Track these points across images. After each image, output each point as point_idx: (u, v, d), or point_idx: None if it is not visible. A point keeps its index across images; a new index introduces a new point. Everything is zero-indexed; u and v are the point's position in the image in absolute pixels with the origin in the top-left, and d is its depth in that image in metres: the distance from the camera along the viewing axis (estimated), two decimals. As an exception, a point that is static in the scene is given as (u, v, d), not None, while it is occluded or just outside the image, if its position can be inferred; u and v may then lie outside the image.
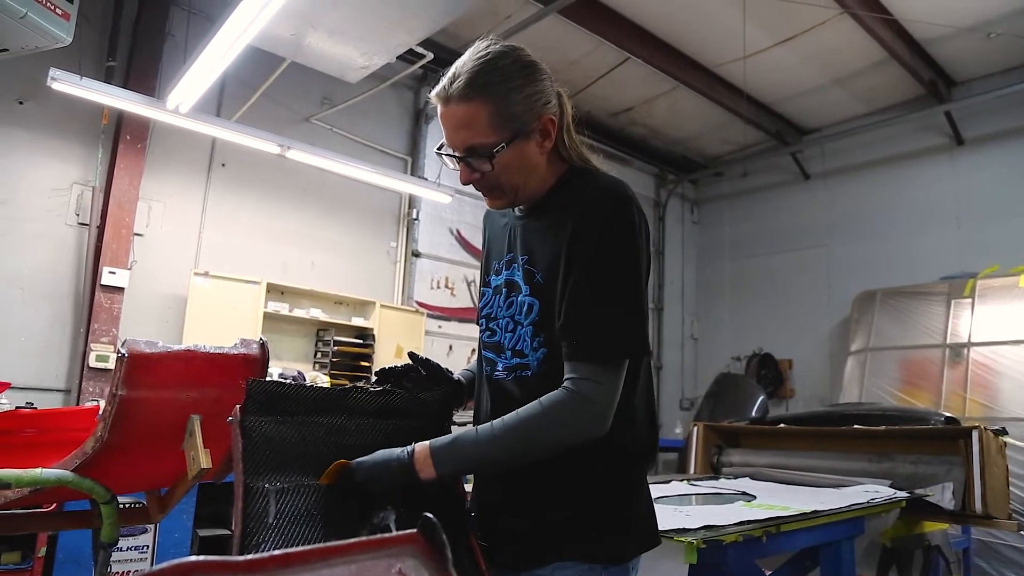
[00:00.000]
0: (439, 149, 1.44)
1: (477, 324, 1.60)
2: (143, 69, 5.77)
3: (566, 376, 1.32)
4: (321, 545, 0.60)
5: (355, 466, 1.26)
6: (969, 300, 7.00)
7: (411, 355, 1.58)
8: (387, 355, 6.70)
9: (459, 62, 1.39)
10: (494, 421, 1.31)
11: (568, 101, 1.49)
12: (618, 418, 1.36)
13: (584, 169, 1.48)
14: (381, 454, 1.28)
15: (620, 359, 1.33)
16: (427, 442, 1.29)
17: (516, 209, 1.53)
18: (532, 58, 1.43)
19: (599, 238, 1.34)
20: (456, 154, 1.40)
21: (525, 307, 1.43)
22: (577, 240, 1.35)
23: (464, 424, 1.46)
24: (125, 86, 5.44)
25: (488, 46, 1.40)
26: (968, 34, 6.99)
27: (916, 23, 6.91)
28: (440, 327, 7.69)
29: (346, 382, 6.31)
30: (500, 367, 1.49)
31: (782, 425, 4.52)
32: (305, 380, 5.94)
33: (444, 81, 1.38)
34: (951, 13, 6.65)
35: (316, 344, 6.69)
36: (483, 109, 1.35)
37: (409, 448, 1.28)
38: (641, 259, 1.36)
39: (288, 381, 1.36)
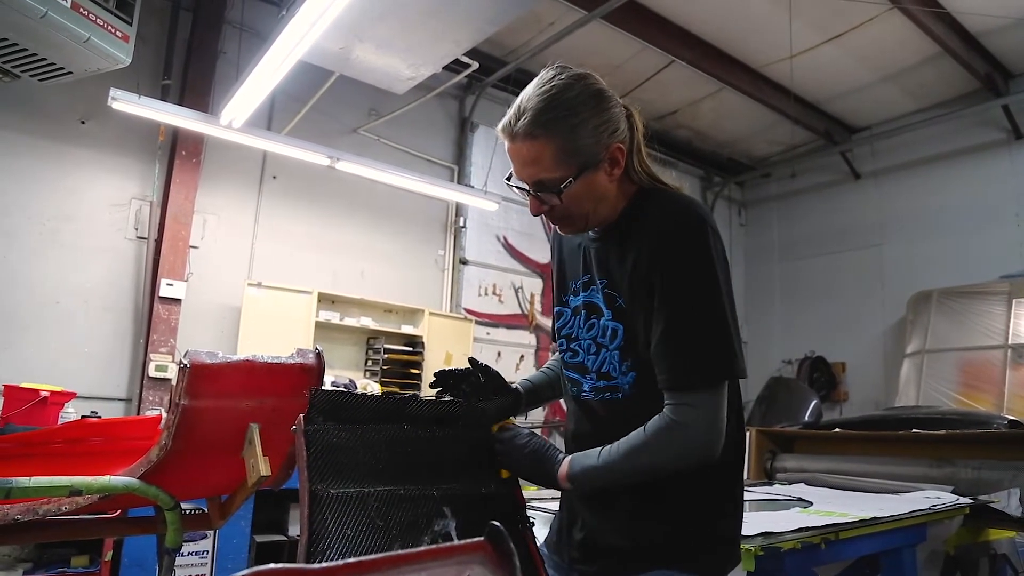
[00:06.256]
0: (508, 179, 1.44)
1: (554, 341, 1.60)
2: (197, 86, 5.93)
3: (667, 403, 1.32)
4: (392, 553, 0.62)
5: (515, 463, 1.39)
6: (1032, 299, 6.79)
7: (471, 360, 1.59)
8: (436, 362, 6.75)
9: (524, 95, 1.36)
10: (612, 446, 1.34)
11: (639, 119, 1.46)
12: None
13: (655, 190, 1.45)
14: (537, 456, 1.37)
15: (715, 384, 1.31)
16: (568, 460, 1.36)
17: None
18: (600, 86, 1.38)
19: (678, 266, 1.32)
20: (525, 187, 1.39)
21: (609, 331, 1.43)
22: (657, 268, 1.33)
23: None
24: (180, 103, 5.60)
25: (554, 77, 1.36)
26: (1025, 25, 6.80)
27: (969, 15, 6.74)
28: (488, 334, 7.72)
29: (397, 389, 6.40)
30: (586, 387, 1.49)
31: (837, 430, 4.43)
32: (356, 388, 6.02)
33: (510, 115, 1.35)
34: (1006, 4, 6.47)
35: (367, 352, 6.77)
36: (549, 146, 1.32)
37: (557, 463, 1.36)
38: (720, 282, 1.33)
39: (342, 389, 1.39)
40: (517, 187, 1.41)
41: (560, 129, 1.32)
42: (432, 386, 1.58)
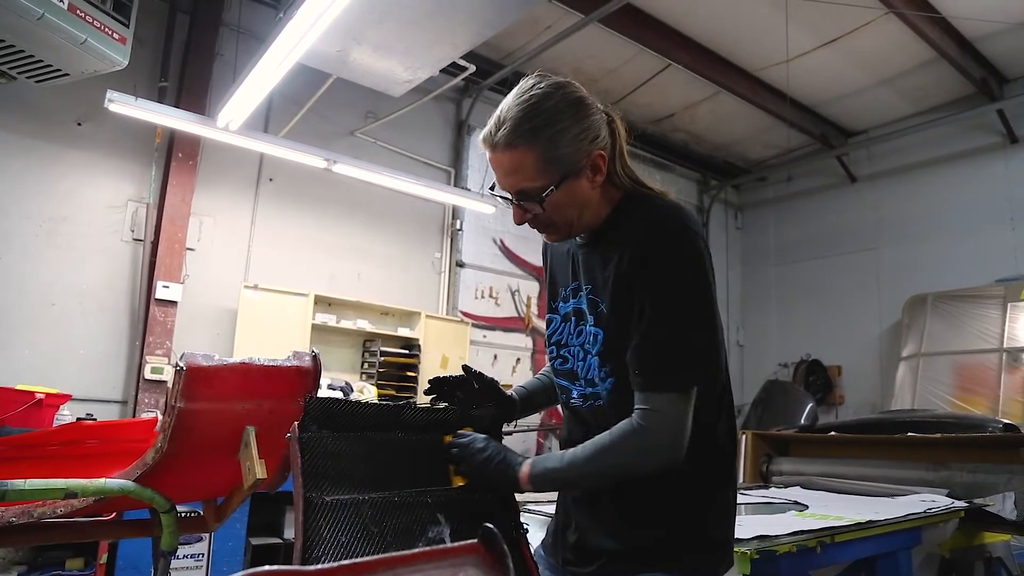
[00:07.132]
0: (491, 189, 1.47)
1: (547, 350, 1.60)
2: (194, 88, 5.92)
3: (635, 407, 1.33)
4: (387, 555, 0.62)
5: (473, 468, 1.37)
6: (1027, 303, 6.81)
7: (465, 368, 1.59)
8: (433, 365, 6.74)
9: (504, 105, 1.37)
10: (576, 449, 1.36)
11: (621, 125, 1.46)
12: (702, 441, 1.39)
13: (639, 195, 1.45)
14: (497, 461, 1.37)
15: (684, 389, 1.31)
16: (530, 462, 1.37)
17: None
18: (579, 94, 1.39)
19: (659, 271, 1.32)
20: (508, 196, 1.41)
21: (591, 337, 1.44)
22: (639, 273, 1.34)
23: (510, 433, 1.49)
24: (177, 105, 5.59)
25: (533, 86, 1.37)
26: (1020, 30, 6.81)
27: (965, 20, 6.76)
28: (485, 336, 7.71)
29: (392, 392, 6.39)
30: (575, 395, 1.51)
31: (833, 433, 4.44)
32: (352, 390, 6.01)
33: (490, 126, 1.37)
34: (1002, 9, 6.49)
35: (363, 354, 6.76)
36: (529, 155, 1.33)
37: (517, 465, 1.36)
38: (698, 288, 1.33)
39: (337, 392, 1.40)
40: (500, 196, 1.43)
41: (540, 138, 1.33)
42: (427, 393, 1.58)
